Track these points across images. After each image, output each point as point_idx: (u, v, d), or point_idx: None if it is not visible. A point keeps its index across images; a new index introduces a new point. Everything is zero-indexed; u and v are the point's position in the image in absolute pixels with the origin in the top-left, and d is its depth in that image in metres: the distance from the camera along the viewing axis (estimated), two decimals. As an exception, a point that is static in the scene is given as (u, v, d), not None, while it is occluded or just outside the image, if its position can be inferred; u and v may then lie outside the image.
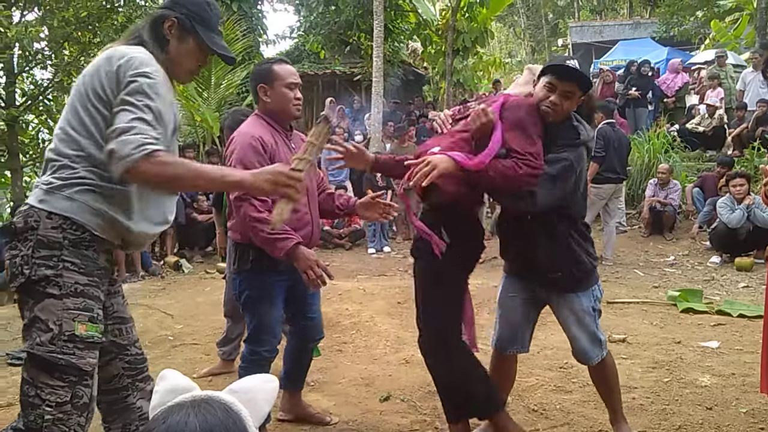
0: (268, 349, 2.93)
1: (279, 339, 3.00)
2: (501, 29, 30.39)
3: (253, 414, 0.98)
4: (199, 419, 0.90)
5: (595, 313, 2.77)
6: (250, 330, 2.95)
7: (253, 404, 1.00)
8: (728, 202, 7.51)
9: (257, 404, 1.01)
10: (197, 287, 7.04)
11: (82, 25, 7.36)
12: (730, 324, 4.97)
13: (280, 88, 2.84)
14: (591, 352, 2.74)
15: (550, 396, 3.54)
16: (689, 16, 18.68)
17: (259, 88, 2.87)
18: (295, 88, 2.88)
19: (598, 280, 2.79)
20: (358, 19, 12.51)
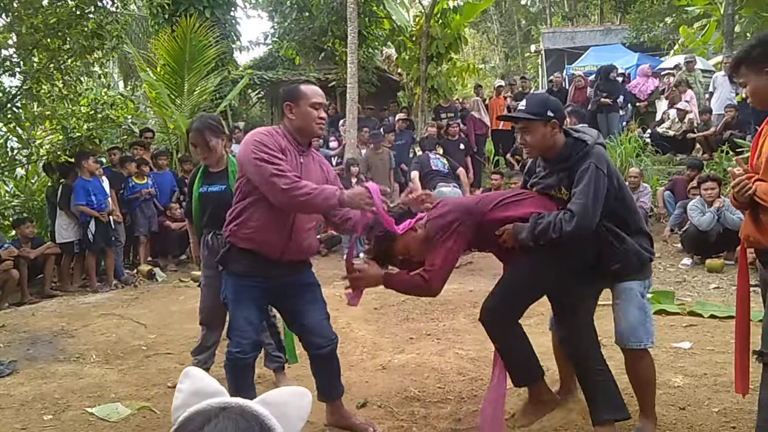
0: (237, 349, 3.03)
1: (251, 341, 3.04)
2: (474, 35, 30.62)
3: (286, 429, 0.92)
4: None
5: (646, 303, 2.97)
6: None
7: (286, 419, 0.94)
8: (699, 205, 7.62)
9: (290, 420, 0.95)
10: (171, 296, 6.95)
11: (52, 32, 7.23)
12: (701, 325, 5.04)
13: (305, 106, 2.98)
14: (636, 333, 2.90)
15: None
16: (658, 22, 19.02)
17: (285, 105, 3.00)
18: (319, 108, 3.01)
19: (650, 274, 3.01)
20: (332, 25, 12.51)
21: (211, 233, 3.88)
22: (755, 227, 2.59)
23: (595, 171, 2.73)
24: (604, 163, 2.78)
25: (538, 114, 2.82)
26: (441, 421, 3.32)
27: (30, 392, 3.97)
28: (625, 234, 2.88)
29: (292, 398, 0.99)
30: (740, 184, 2.57)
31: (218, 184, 3.84)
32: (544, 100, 2.92)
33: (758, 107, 2.71)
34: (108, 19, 7.78)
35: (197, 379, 0.97)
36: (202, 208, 3.91)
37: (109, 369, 4.45)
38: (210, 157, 3.80)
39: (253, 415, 0.89)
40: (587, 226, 2.71)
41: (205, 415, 0.88)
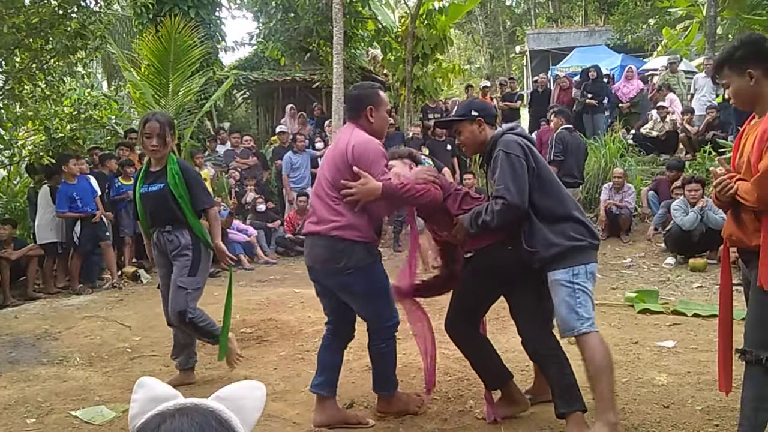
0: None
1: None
2: (460, 36, 30.69)
3: (243, 422, 0.95)
4: (195, 428, 0.86)
5: (578, 290, 2.93)
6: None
7: (242, 412, 0.96)
8: (682, 205, 7.70)
9: (246, 412, 0.97)
10: (156, 298, 6.85)
11: (34, 32, 7.16)
12: (685, 324, 5.08)
13: (383, 112, 3.31)
14: (568, 323, 2.93)
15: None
16: (642, 23, 19.18)
17: (369, 108, 3.21)
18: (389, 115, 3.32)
19: (587, 261, 2.97)
20: (318, 26, 12.49)
21: (156, 232, 3.93)
22: (737, 226, 2.62)
23: (504, 156, 2.92)
24: (515, 147, 2.95)
25: (464, 114, 3.16)
26: (427, 421, 3.33)
27: (13, 396, 3.93)
28: (542, 222, 2.95)
29: (246, 391, 1.01)
30: (722, 184, 2.60)
31: (157, 183, 3.86)
32: (469, 102, 3.33)
33: (740, 108, 2.75)
34: (91, 19, 7.71)
35: (151, 387, 0.99)
36: (143, 209, 3.95)
37: (93, 372, 4.41)
38: (159, 151, 3.84)
39: (208, 411, 0.91)
40: (514, 203, 2.86)
41: (161, 416, 0.90)
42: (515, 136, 3.02)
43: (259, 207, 9.75)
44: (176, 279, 3.85)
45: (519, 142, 2.98)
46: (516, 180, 2.87)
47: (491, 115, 3.19)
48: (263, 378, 4.06)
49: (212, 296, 6.78)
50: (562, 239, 2.92)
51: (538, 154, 3.07)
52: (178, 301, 3.84)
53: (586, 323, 2.91)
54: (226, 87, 12.00)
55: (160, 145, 3.81)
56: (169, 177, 3.83)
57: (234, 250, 8.84)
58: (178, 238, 3.87)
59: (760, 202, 2.45)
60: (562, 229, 2.95)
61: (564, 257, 2.93)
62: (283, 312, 5.63)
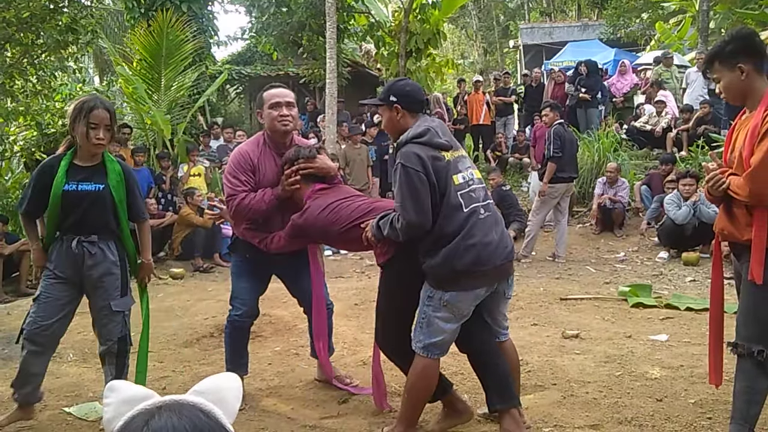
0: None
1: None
2: (453, 31, 30.63)
3: (225, 413, 0.95)
4: (186, 422, 0.86)
5: (427, 311, 2.81)
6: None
7: (224, 403, 0.97)
8: (675, 199, 7.72)
9: (227, 403, 0.99)
10: (149, 293, 6.87)
11: (25, 26, 7.12)
12: (678, 317, 5.11)
13: (266, 109, 3.42)
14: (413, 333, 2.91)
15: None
16: (635, 18, 19.20)
17: (257, 113, 3.51)
18: (279, 107, 3.39)
19: (445, 289, 2.77)
20: (311, 20, 12.45)
21: (73, 240, 3.23)
22: (729, 221, 2.63)
23: (402, 170, 2.73)
24: (416, 161, 2.72)
25: (383, 99, 2.96)
26: (422, 416, 3.33)
27: (6, 392, 3.90)
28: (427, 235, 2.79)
29: (223, 382, 1.02)
30: (714, 179, 2.61)
31: (93, 182, 3.25)
32: (390, 86, 3.00)
33: (731, 102, 2.76)
34: (82, 14, 7.68)
35: (123, 390, 0.98)
36: (65, 209, 3.22)
37: (87, 368, 4.40)
38: (105, 146, 3.27)
39: (191, 405, 0.91)
40: (414, 222, 2.70)
41: (145, 415, 0.89)
42: (417, 147, 2.77)
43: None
44: (108, 302, 3.30)
45: (419, 153, 2.73)
46: (413, 197, 2.69)
47: (414, 102, 2.93)
48: (258, 374, 4.06)
49: (205, 291, 6.80)
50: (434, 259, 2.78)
51: (444, 165, 2.80)
52: (117, 326, 3.34)
53: (418, 345, 2.85)
54: (220, 82, 11.96)
55: (107, 138, 3.23)
56: (111, 177, 3.28)
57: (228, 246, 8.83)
58: (103, 252, 3.27)
59: (752, 197, 2.47)
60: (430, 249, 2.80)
61: (427, 276, 2.84)
62: (276, 307, 5.62)
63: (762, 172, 2.41)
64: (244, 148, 3.49)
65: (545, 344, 4.43)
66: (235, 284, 3.65)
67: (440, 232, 2.75)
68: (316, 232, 3.26)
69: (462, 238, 2.74)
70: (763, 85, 2.57)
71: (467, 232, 2.74)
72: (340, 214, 3.15)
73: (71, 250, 3.22)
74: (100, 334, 3.36)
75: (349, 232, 3.11)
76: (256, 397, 3.68)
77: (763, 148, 2.42)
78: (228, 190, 3.38)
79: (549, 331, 4.76)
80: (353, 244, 3.27)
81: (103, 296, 3.28)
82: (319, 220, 3.18)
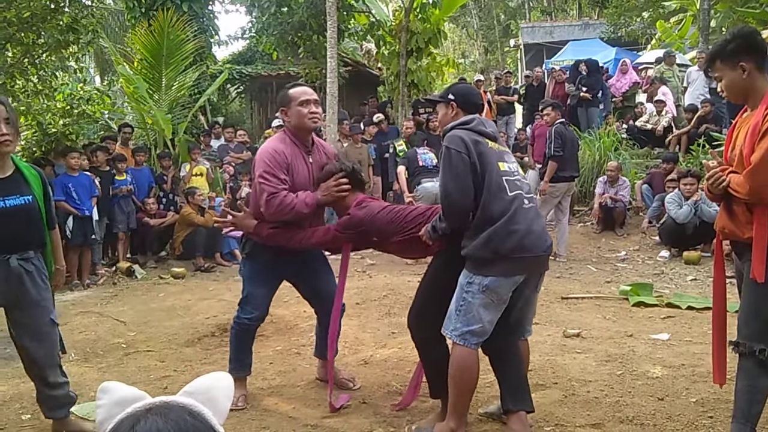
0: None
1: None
2: (454, 30, 30.61)
3: (216, 413, 0.96)
4: (171, 425, 0.87)
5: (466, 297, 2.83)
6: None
7: (214, 403, 0.97)
8: (676, 198, 7.72)
9: (218, 402, 0.99)
10: (151, 293, 6.89)
11: (26, 26, 7.13)
12: (679, 316, 5.11)
13: (296, 109, 3.37)
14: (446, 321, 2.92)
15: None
16: (636, 17, 19.18)
17: (281, 111, 3.45)
18: (308, 104, 3.37)
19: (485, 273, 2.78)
20: (311, 19, 12.44)
21: (9, 259, 2.96)
22: (730, 219, 2.63)
23: (446, 152, 2.85)
24: (458, 143, 2.83)
25: (443, 96, 3.15)
26: (423, 415, 3.33)
27: (8, 392, 3.92)
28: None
29: (213, 382, 1.02)
30: (714, 177, 2.61)
31: (17, 195, 2.96)
32: (450, 86, 3.29)
33: (733, 101, 2.76)
34: (83, 13, 7.69)
35: (115, 391, 0.98)
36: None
37: (89, 367, 4.41)
38: (13, 144, 2.92)
39: (180, 407, 0.91)
40: (456, 203, 2.79)
41: (133, 418, 0.90)
42: (460, 131, 2.90)
43: (254, 202, 9.72)
44: (49, 317, 3.10)
45: (462, 136, 2.86)
46: (455, 179, 2.78)
47: (469, 103, 3.07)
48: (259, 373, 4.06)
49: (207, 291, 6.80)
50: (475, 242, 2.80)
51: (490, 151, 2.89)
52: (56, 342, 3.17)
53: (454, 333, 2.86)
54: (220, 81, 11.96)
55: (12, 134, 2.84)
56: (35, 187, 3.02)
57: (229, 245, 8.83)
58: (37, 267, 3.06)
59: (752, 195, 2.47)
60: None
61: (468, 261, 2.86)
62: (278, 307, 5.62)
63: (762, 170, 2.41)
64: (279, 146, 3.36)
65: (546, 343, 4.42)
66: (248, 288, 3.59)
67: (483, 215, 2.79)
68: (373, 229, 3.24)
69: (506, 222, 2.77)
70: (765, 84, 2.57)
71: (511, 216, 2.79)
72: (398, 215, 3.22)
73: (10, 270, 2.95)
74: (43, 349, 3.09)
75: (404, 234, 3.16)
76: (258, 396, 3.68)
77: (763, 146, 2.42)
78: (269, 189, 3.22)
79: (550, 330, 4.75)
80: (406, 246, 3.26)
81: (43, 314, 3.08)
82: (378, 217, 3.22)
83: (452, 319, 2.87)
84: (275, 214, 3.26)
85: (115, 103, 12.10)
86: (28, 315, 3.06)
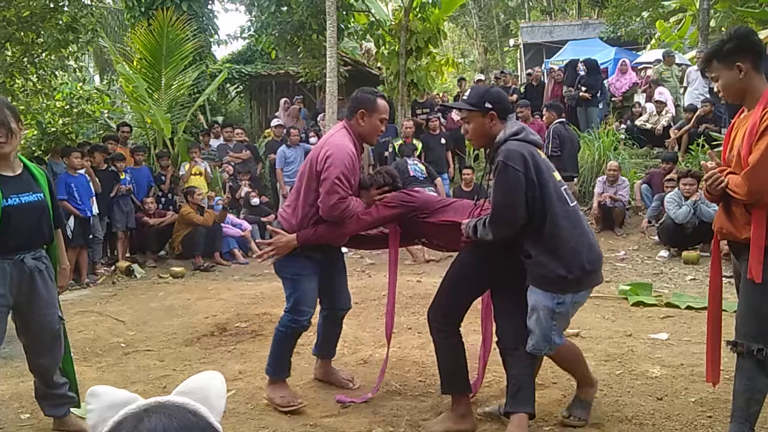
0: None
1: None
2: (453, 29, 30.62)
3: (211, 411, 0.96)
4: (175, 423, 0.87)
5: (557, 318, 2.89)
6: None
7: (209, 402, 0.97)
8: (675, 198, 7.72)
9: (212, 401, 0.99)
10: (150, 292, 6.90)
11: (25, 25, 7.13)
12: (678, 316, 5.11)
13: (376, 120, 3.37)
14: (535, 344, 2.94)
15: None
16: (635, 16, 19.18)
17: (360, 112, 3.35)
18: (384, 123, 3.43)
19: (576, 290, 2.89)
20: (311, 18, 12.44)
21: (24, 257, 3.00)
22: (728, 219, 2.64)
23: (503, 167, 2.77)
24: (518, 160, 2.76)
25: (476, 105, 2.95)
26: (422, 415, 3.34)
27: (7, 391, 3.92)
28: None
29: (206, 381, 1.02)
30: (713, 177, 2.61)
31: (31, 193, 3.04)
32: (484, 92, 3.01)
33: (730, 101, 2.76)
34: (83, 12, 7.69)
35: (106, 395, 0.98)
36: (10, 227, 2.92)
37: (88, 367, 4.40)
38: (9, 145, 2.92)
39: (176, 406, 0.91)
40: (504, 221, 2.79)
41: (133, 418, 0.89)
42: (518, 144, 2.84)
43: (253, 201, 9.72)
44: (56, 316, 3.15)
45: (522, 151, 2.79)
46: (507, 198, 2.76)
47: (505, 110, 2.99)
48: (258, 372, 4.06)
49: (206, 290, 6.80)
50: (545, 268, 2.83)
51: (542, 161, 2.90)
52: (62, 341, 3.22)
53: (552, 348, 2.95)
54: (220, 81, 11.96)
55: (7, 136, 2.87)
56: (44, 185, 3.10)
57: (228, 245, 8.83)
58: (47, 265, 3.12)
59: (750, 195, 2.47)
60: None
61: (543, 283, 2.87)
62: (277, 306, 5.62)
63: (760, 171, 2.42)
64: (350, 147, 3.30)
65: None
66: (299, 288, 3.44)
67: (554, 231, 2.79)
68: (419, 202, 3.32)
69: (580, 235, 2.85)
70: (761, 84, 2.57)
71: (581, 227, 2.87)
72: (446, 200, 3.40)
73: (25, 269, 2.99)
74: (50, 349, 3.15)
75: (448, 215, 3.22)
76: (257, 395, 3.68)
77: (760, 146, 2.42)
78: (342, 192, 3.17)
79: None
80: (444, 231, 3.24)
81: (53, 312, 3.12)
82: (426, 195, 3.39)
83: (548, 339, 2.87)
84: (335, 216, 3.23)
85: (115, 103, 12.11)
86: (38, 313, 3.08)
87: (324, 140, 3.42)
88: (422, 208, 3.29)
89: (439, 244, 3.44)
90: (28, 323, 3.11)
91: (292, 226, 3.39)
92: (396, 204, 3.31)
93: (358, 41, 15.23)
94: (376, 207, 3.34)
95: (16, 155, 3.05)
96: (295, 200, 3.43)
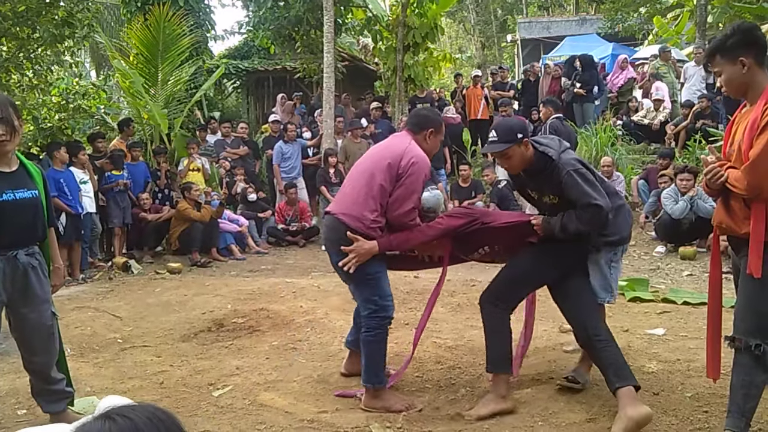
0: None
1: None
2: (451, 25, 30.61)
3: None
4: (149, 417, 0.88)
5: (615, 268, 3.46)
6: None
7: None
8: (672, 194, 7.73)
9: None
10: (147, 288, 6.88)
11: (21, 20, 7.09)
12: (675, 311, 5.12)
13: (438, 141, 3.57)
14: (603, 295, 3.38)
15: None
16: (633, 12, 19.19)
17: (429, 131, 3.48)
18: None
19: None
20: (308, 14, 12.41)
21: (18, 253, 3.01)
22: (727, 214, 2.63)
23: (576, 174, 3.09)
24: (576, 163, 3.15)
25: (511, 140, 3.18)
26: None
27: (3, 387, 3.91)
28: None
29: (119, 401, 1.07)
30: (712, 172, 2.61)
31: (25, 189, 3.04)
32: (512, 126, 3.27)
33: (732, 96, 2.75)
34: (79, 7, 7.65)
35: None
36: (4, 221, 2.93)
37: (84, 362, 4.40)
38: (11, 143, 2.95)
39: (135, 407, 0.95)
40: (605, 206, 3.07)
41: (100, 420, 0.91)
42: (570, 154, 3.24)
43: (250, 197, 9.71)
44: (50, 312, 3.16)
45: (575, 156, 3.23)
46: (594, 189, 3.08)
47: (529, 133, 3.32)
48: (255, 368, 4.06)
49: (203, 286, 6.79)
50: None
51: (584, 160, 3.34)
52: (56, 337, 3.23)
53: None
54: (217, 76, 11.93)
55: (8, 133, 2.89)
56: (38, 182, 3.11)
57: (225, 241, 8.82)
58: (40, 262, 3.11)
59: (750, 190, 2.47)
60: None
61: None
62: (274, 302, 5.62)
63: (760, 165, 2.41)
64: (427, 159, 3.43)
65: (542, 338, 4.43)
66: (380, 286, 3.38)
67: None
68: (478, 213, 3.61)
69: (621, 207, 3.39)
70: (764, 79, 2.56)
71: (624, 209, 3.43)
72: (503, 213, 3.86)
73: (18, 266, 3.00)
74: (45, 346, 3.16)
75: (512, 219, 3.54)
76: (254, 391, 3.68)
77: (761, 141, 2.42)
78: (416, 204, 3.39)
79: (546, 325, 4.75)
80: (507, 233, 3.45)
81: (46, 309, 3.13)
82: (483, 209, 3.61)
83: (613, 286, 3.39)
84: (406, 222, 3.35)
85: (111, 98, 12.06)
86: (32, 310, 3.08)
87: (397, 145, 3.42)
88: (484, 216, 3.52)
89: (499, 251, 3.57)
90: (21, 320, 3.10)
91: (366, 226, 3.31)
92: (461, 215, 3.53)
93: (356, 37, 15.22)
94: (443, 217, 3.55)
95: (14, 152, 3.06)
96: (365, 199, 3.33)
